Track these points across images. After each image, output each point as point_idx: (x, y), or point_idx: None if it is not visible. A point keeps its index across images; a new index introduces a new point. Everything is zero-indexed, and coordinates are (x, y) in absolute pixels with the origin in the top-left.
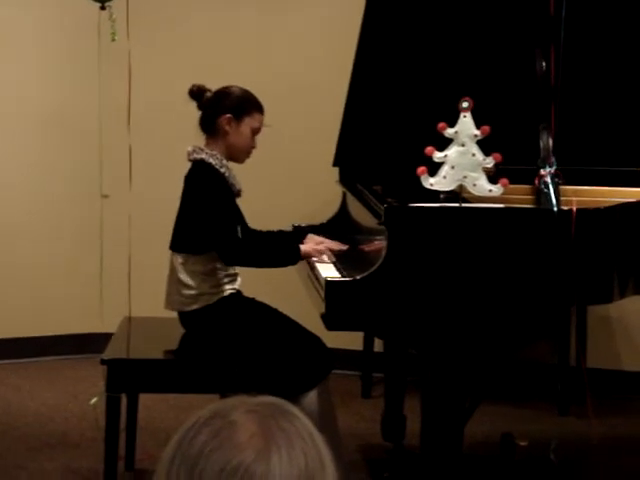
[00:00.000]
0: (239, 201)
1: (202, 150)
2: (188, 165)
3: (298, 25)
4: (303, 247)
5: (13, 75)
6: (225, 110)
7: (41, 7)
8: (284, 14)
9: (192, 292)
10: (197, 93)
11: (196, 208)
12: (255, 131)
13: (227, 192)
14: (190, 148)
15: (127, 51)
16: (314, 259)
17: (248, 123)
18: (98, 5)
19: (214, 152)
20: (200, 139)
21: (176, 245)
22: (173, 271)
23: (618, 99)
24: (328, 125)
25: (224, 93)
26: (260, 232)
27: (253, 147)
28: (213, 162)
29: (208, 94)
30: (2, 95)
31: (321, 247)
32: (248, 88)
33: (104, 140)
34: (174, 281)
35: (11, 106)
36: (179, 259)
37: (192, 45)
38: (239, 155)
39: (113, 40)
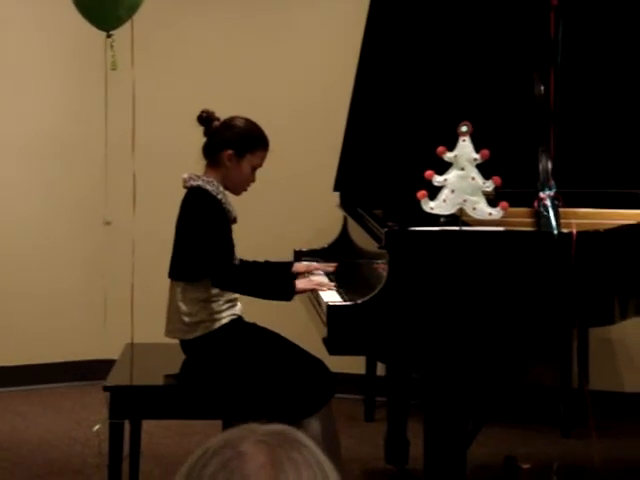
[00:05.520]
0: (235, 227)
1: (198, 177)
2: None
3: (298, 51)
4: (298, 283)
5: (17, 104)
6: (228, 145)
7: (46, 36)
8: (284, 41)
9: (192, 320)
10: (206, 119)
11: (194, 234)
12: (255, 167)
13: (223, 218)
14: (186, 175)
15: (131, 80)
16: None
17: (249, 160)
18: (105, 34)
19: (211, 179)
20: (202, 166)
21: (175, 273)
22: (173, 299)
23: (616, 121)
24: (328, 150)
25: (230, 126)
26: (249, 262)
27: (252, 181)
28: (209, 189)
29: (216, 123)
30: (6, 124)
31: (317, 280)
32: (249, 114)
33: (108, 168)
34: (174, 309)
35: (15, 134)
36: (178, 287)
37: (195, 73)
38: (236, 188)
39: (113, 69)
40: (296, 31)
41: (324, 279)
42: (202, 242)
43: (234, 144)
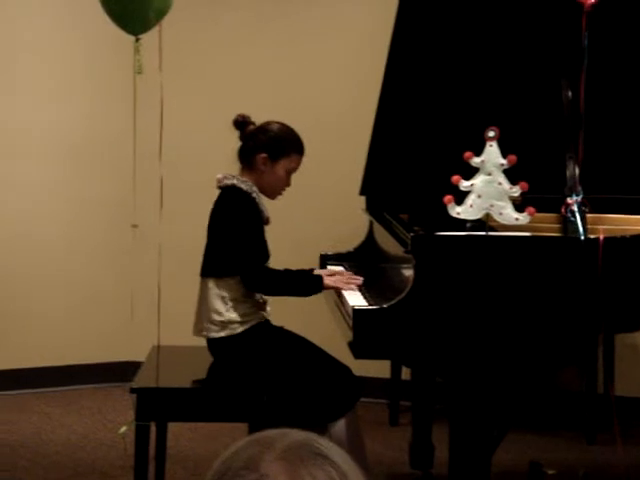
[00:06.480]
0: (266, 229)
1: (233, 177)
2: (217, 193)
3: (325, 54)
4: (326, 279)
5: (46, 108)
6: (263, 149)
7: (76, 40)
8: (312, 44)
9: (221, 319)
10: (241, 123)
11: (227, 231)
12: (291, 171)
13: (257, 217)
14: (220, 175)
15: (159, 83)
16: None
17: (284, 165)
18: (133, 38)
19: (245, 179)
20: (231, 169)
21: (206, 270)
22: (202, 297)
23: None
24: (355, 154)
25: (265, 130)
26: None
27: (287, 185)
28: (244, 187)
29: (251, 127)
30: (36, 126)
31: (344, 279)
32: (275, 117)
33: (136, 171)
34: (204, 307)
35: (43, 138)
36: (209, 284)
37: (223, 77)
38: (271, 192)
39: (139, 73)
40: (323, 34)
41: (353, 279)
42: (236, 241)
43: (268, 148)
